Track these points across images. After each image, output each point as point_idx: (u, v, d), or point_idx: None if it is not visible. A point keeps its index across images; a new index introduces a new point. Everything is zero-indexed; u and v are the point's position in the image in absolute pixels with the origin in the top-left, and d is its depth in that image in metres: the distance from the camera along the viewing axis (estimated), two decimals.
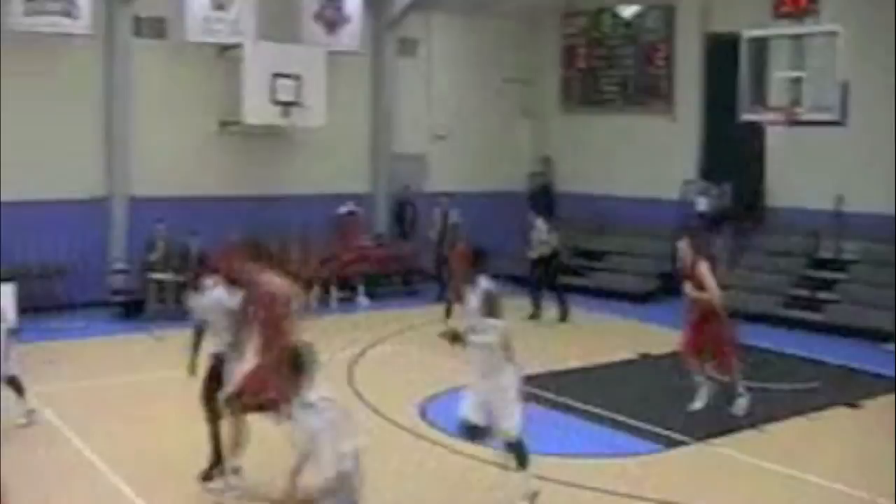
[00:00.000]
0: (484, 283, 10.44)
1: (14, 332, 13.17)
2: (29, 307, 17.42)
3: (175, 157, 21.01)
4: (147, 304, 19.51)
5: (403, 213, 23.69)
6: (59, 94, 20.10)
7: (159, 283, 19.49)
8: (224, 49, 21.61)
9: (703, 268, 12.86)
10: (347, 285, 21.63)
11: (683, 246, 13.63)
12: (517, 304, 19.44)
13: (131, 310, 19.55)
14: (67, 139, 20.14)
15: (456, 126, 24.91)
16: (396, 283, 22.97)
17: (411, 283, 22.89)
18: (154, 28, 21.26)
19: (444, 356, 15.92)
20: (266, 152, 22.25)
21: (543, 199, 25.23)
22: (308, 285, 20.69)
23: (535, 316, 19.53)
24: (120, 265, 20.12)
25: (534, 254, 19.95)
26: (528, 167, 26.25)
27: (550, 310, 19.54)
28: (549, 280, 19.91)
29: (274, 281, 9.78)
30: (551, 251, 19.86)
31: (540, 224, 20.01)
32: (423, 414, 12.63)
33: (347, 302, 21.27)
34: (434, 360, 14.60)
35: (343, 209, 22.58)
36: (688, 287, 12.99)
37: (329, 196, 22.40)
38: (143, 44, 21.03)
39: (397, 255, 22.95)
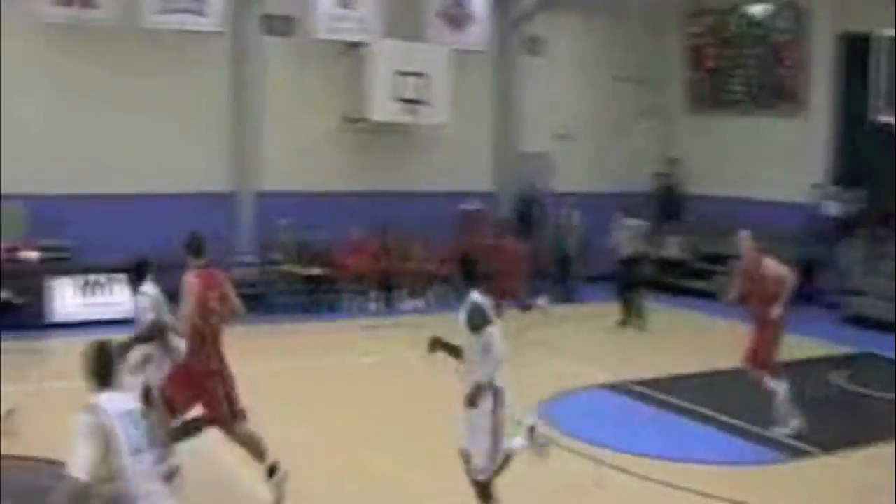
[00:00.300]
0: (473, 296, 8.31)
1: None
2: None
3: (301, 153, 21.29)
4: (272, 297, 19.84)
5: (528, 211, 23.56)
6: (188, 90, 20.60)
7: (284, 276, 19.80)
8: (349, 46, 21.83)
9: (771, 266, 11.69)
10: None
11: (745, 239, 12.09)
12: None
13: (257, 302, 19.85)
14: (196, 134, 20.63)
15: (579, 125, 24.69)
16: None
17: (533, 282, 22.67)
18: (281, 26, 21.61)
19: (564, 357, 15.92)
20: (390, 149, 22.40)
21: (667, 200, 24.87)
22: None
23: (625, 322, 18.86)
24: (246, 258, 20.49)
25: (623, 254, 19.21)
26: (652, 168, 25.87)
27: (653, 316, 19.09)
28: (630, 282, 19.14)
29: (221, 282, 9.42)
30: (638, 253, 19.19)
31: (630, 223, 19.42)
32: (542, 414, 12.51)
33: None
34: (552, 362, 14.51)
35: (467, 206, 22.58)
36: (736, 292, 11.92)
37: (453, 193, 22.42)
38: (271, 41, 21.42)
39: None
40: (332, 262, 20.52)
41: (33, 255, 18.35)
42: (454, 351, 8.35)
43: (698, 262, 22.86)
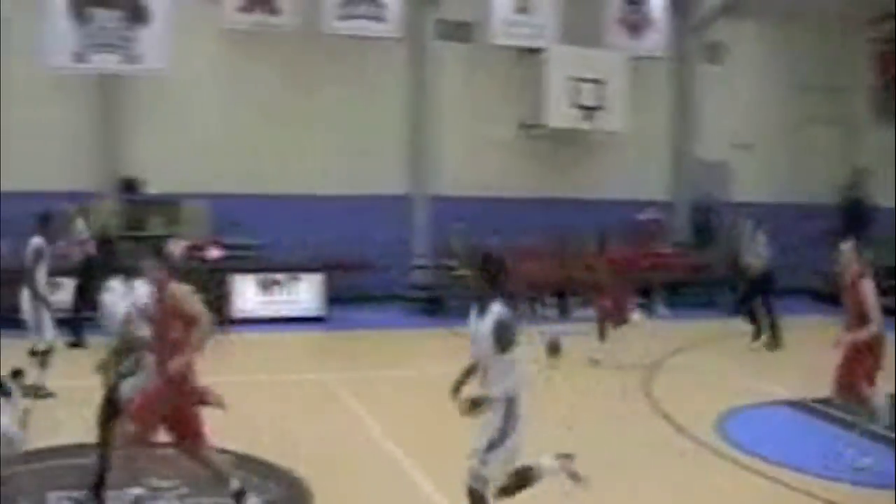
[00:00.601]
0: (497, 307, 6.96)
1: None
2: (337, 298, 18.10)
3: (476, 157, 21.32)
4: (446, 300, 19.84)
5: (705, 221, 22.98)
6: (366, 94, 20.86)
7: (458, 279, 19.75)
8: (526, 52, 21.73)
9: (867, 286, 9.90)
10: (646, 293, 21.19)
11: (847, 251, 10.38)
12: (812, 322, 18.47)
13: (431, 305, 19.94)
14: (373, 137, 20.87)
15: (759, 134, 23.99)
16: (696, 292, 22.27)
17: (710, 294, 22.11)
18: (458, 31, 21.72)
19: (745, 371, 15.34)
20: (566, 156, 22.22)
21: (854, 212, 23.85)
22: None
23: (757, 337, 17.10)
24: (421, 261, 20.56)
25: (748, 268, 17.64)
26: (837, 179, 24.87)
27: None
28: (750, 297, 17.47)
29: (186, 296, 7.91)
30: (764, 267, 17.35)
31: (758, 237, 17.82)
32: (722, 430, 12.03)
33: (646, 310, 20.84)
34: (733, 375, 14.00)
35: (644, 215, 22.16)
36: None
37: (628, 202, 22.04)
38: (448, 46, 21.50)
39: (697, 264, 22.27)
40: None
41: (216, 253, 18.81)
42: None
43: (886, 280, 21.73)
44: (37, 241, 11.72)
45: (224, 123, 19.90)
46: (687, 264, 22.13)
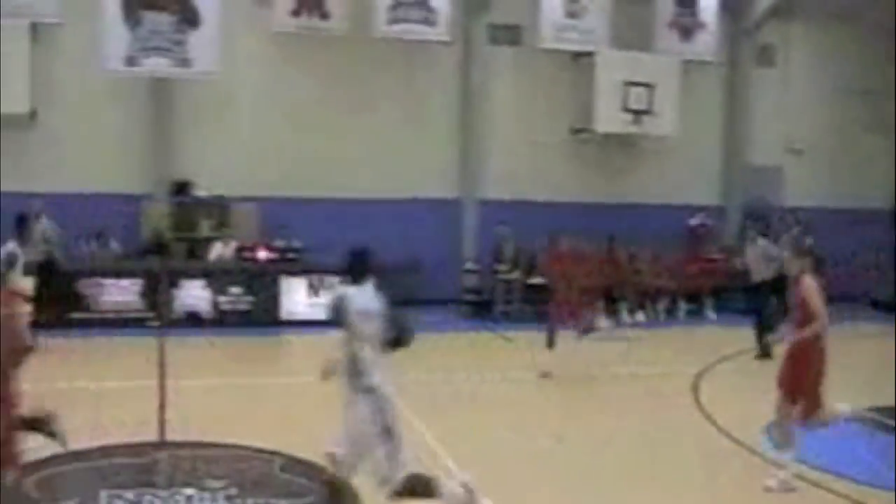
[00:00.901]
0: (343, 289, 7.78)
1: None
2: (386, 300, 18.06)
3: (525, 162, 21.26)
4: (495, 304, 19.80)
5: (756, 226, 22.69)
6: (415, 98, 20.89)
7: (507, 283, 19.73)
8: (576, 56, 21.64)
9: (809, 286, 9.46)
10: (695, 298, 21.04)
11: (786, 255, 10.56)
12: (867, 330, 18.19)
13: (481, 308, 19.91)
14: (422, 141, 20.89)
15: (813, 138, 23.66)
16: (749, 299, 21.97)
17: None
18: (509, 35, 21.64)
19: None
20: (615, 160, 22.10)
21: None
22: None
23: (765, 354, 15.36)
24: (470, 265, 20.52)
25: (757, 277, 16.95)
26: (892, 185, 24.47)
27: None
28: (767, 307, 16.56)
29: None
30: (777, 273, 16.36)
31: (762, 243, 17.24)
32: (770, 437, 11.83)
33: (695, 315, 20.71)
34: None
35: (694, 221, 21.98)
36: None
37: (678, 207, 21.87)
38: (497, 51, 21.45)
39: (746, 269, 21.97)
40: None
41: (266, 255, 18.91)
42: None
43: None
44: (11, 245, 11.57)
45: (273, 126, 19.97)
46: (736, 270, 21.84)
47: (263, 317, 18.06)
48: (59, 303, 13.44)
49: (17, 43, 18.53)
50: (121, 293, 17.89)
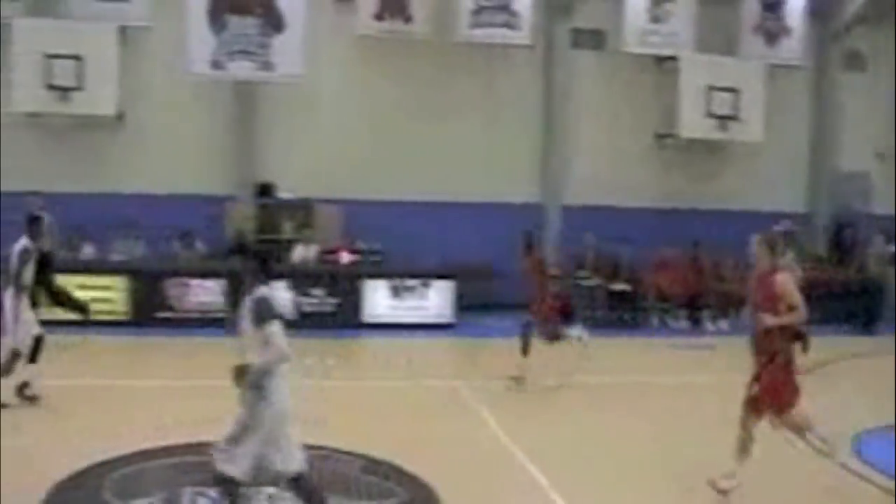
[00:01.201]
0: (262, 290, 7.31)
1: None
2: (466, 304, 18.05)
3: (608, 167, 21.08)
4: (575, 310, 19.58)
5: (842, 235, 22.29)
6: (497, 102, 20.82)
7: (589, 290, 19.53)
8: (660, 61, 21.43)
9: (785, 280, 8.90)
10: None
11: (757, 246, 9.28)
12: None
13: (561, 314, 19.68)
14: (504, 145, 20.78)
15: None
16: (834, 308, 21.52)
17: (852, 310, 21.32)
18: (592, 39, 21.50)
19: (881, 389, 14.68)
20: (700, 165, 21.83)
21: None
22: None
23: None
24: (552, 270, 20.33)
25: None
26: None
27: None
28: None
29: None
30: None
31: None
32: (857, 450, 11.50)
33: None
34: (868, 392, 13.44)
35: (779, 227, 21.56)
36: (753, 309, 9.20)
37: (764, 213, 21.45)
38: (580, 55, 21.32)
39: (830, 278, 21.55)
40: (638, 278, 20.05)
41: (349, 257, 18.94)
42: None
43: None
44: (24, 242, 11.69)
45: (356, 129, 20.05)
46: (821, 280, 21.40)
47: (346, 319, 18.05)
48: (52, 293, 13.88)
49: (106, 46, 18.83)
50: (205, 293, 18.03)
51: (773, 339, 8.88)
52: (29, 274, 11.67)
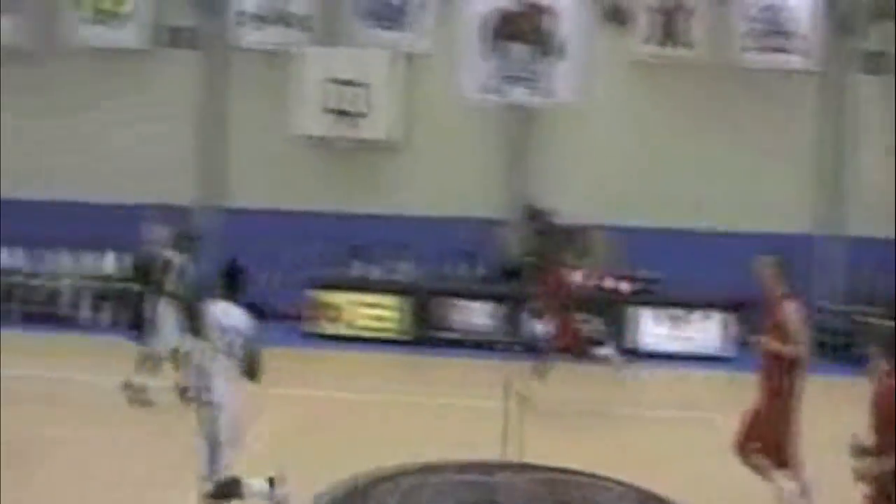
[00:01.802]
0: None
1: None
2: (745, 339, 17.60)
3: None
4: (855, 347, 18.77)
5: None
6: (774, 129, 20.14)
7: (869, 327, 18.68)
8: None
9: (790, 309, 9.10)
10: None
11: (766, 270, 9.38)
12: None
13: (839, 351, 18.92)
14: (781, 175, 20.10)
15: None
16: None
17: None
18: (881, 63, 20.25)
19: None
20: None
21: None
22: None
23: None
24: (825, 303, 19.54)
25: None
26: None
27: None
28: None
29: None
30: None
31: None
32: None
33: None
34: None
35: None
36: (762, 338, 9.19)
37: None
38: (868, 80, 20.24)
39: None
40: None
41: (624, 285, 18.81)
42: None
43: None
44: (169, 254, 13.45)
45: (630, 155, 19.98)
46: None
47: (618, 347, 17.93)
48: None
49: (392, 72, 19.55)
50: (476, 315, 18.38)
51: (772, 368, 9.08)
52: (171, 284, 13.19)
